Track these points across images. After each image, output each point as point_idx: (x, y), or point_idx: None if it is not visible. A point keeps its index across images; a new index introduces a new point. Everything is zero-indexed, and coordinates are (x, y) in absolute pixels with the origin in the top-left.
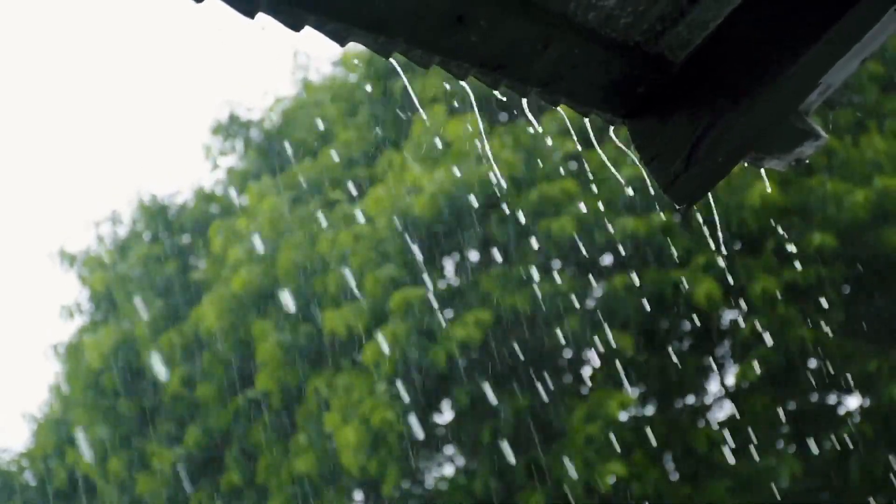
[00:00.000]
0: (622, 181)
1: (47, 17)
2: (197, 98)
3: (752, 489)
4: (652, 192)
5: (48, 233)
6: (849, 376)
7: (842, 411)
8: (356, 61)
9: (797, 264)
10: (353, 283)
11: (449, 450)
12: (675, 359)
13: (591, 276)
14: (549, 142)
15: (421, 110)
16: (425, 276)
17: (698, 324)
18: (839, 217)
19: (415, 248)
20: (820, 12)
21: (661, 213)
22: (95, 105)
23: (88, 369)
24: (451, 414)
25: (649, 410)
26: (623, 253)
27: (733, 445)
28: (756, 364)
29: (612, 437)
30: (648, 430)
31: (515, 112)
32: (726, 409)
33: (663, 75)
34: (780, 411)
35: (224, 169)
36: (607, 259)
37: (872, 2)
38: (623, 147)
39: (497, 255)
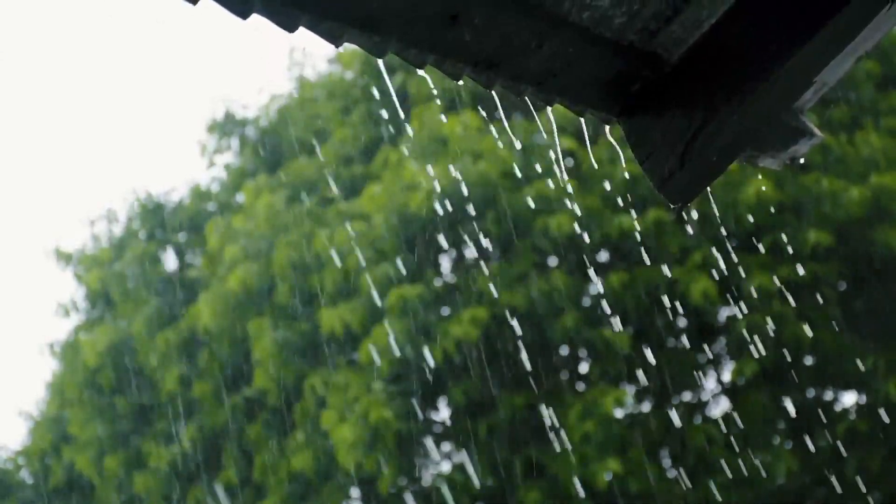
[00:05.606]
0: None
1: (43, 15)
2: (193, 96)
3: (748, 485)
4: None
5: (44, 231)
6: (845, 373)
7: (838, 408)
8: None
9: (793, 261)
10: (350, 281)
11: (446, 447)
12: (671, 356)
13: (587, 273)
14: (545, 138)
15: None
16: (422, 274)
17: (695, 321)
18: (835, 214)
19: (411, 246)
20: (814, 11)
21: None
22: (91, 103)
23: (85, 367)
24: (448, 411)
25: (646, 407)
26: (619, 250)
27: (729, 442)
28: (752, 361)
29: (609, 434)
30: (645, 427)
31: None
32: (723, 406)
33: (658, 74)
34: (777, 408)
35: (220, 167)
36: (603, 256)
37: (866, 0)
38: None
39: (494, 253)
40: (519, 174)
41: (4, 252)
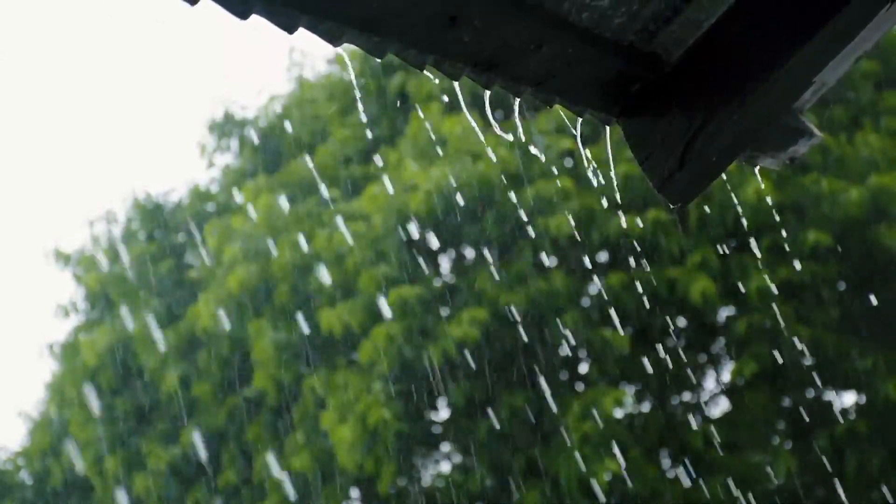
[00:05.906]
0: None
1: (43, 15)
2: (192, 96)
3: (747, 485)
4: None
5: (43, 231)
6: (845, 373)
7: (837, 408)
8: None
9: (792, 262)
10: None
11: (445, 447)
12: (670, 356)
13: (586, 274)
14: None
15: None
16: (422, 275)
17: (694, 321)
18: (834, 215)
19: (411, 246)
20: (813, 11)
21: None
22: (90, 103)
23: (85, 368)
24: (448, 411)
25: (645, 407)
26: (618, 250)
27: (729, 442)
28: (752, 361)
29: (608, 434)
30: (644, 428)
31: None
32: (722, 406)
33: (657, 74)
34: (777, 408)
35: (219, 167)
36: (603, 256)
37: (865, 0)
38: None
39: (493, 253)
40: (519, 174)
41: (4, 252)
